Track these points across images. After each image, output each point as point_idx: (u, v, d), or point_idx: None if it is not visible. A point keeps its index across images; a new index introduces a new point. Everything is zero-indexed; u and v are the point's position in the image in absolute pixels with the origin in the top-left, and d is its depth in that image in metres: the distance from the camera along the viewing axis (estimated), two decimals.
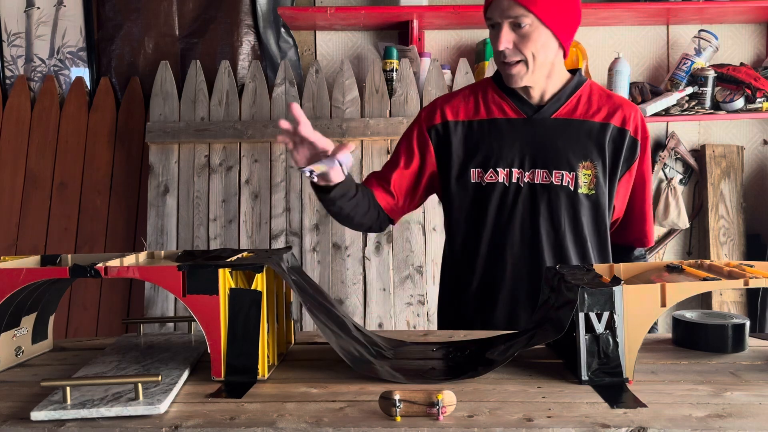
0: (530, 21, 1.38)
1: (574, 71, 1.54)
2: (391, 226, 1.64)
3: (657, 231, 2.81)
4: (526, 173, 1.46)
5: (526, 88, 1.49)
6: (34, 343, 1.22)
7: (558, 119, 1.48)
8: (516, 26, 1.39)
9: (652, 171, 2.74)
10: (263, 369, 1.06)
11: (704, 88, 2.55)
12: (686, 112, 2.57)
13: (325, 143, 1.30)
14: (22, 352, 1.19)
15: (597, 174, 1.47)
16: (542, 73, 1.46)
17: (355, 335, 1.19)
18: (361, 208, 1.49)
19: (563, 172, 1.46)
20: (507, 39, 1.40)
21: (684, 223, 2.71)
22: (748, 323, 1.21)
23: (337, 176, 1.34)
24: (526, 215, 1.47)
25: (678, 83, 2.61)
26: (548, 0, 1.38)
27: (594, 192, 1.47)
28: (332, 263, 2.50)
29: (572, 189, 1.46)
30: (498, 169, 1.47)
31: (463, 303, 1.56)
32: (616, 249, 1.59)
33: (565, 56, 1.48)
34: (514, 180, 1.47)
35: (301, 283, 1.17)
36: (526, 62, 1.42)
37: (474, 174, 1.49)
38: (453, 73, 2.59)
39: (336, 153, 1.28)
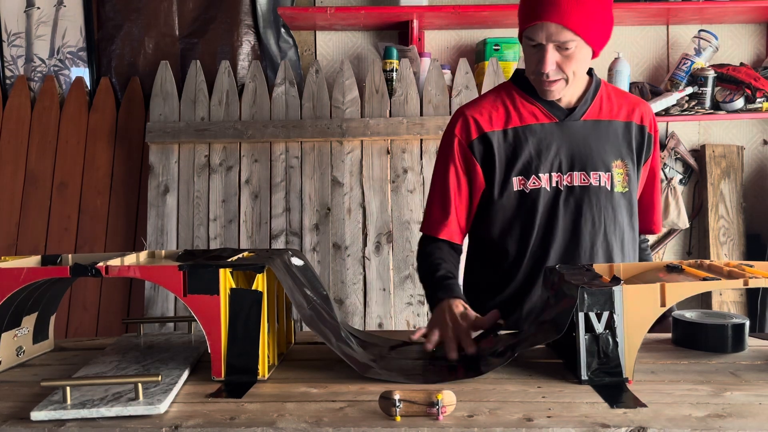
0: (576, 43, 1.38)
1: (588, 71, 1.54)
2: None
3: None
4: (565, 176, 1.47)
5: None
6: (35, 343, 1.22)
7: (588, 121, 1.49)
8: (561, 48, 1.39)
9: None
10: (263, 369, 1.06)
11: (704, 88, 2.55)
12: (686, 112, 2.57)
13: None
14: (23, 351, 1.19)
15: (629, 172, 1.49)
16: (578, 83, 1.47)
17: (353, 340, 1.19)
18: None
19: (600, 172, 1.47)
20: (552, 61, 1.40)
21: (684, 223, 2.70)
22: (747, 323, 1.21)
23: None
24: (568, 218, 1.47)
25: (678, 83, 2.61)
26: (591, 20, 1.38)
27: (627, 189, 1.49)
28: (332, 263, 2.50)
29: (609, 189, 1.47)
30: (540, 174, 1.47)
31: (501, 305, 1.52)
32: None
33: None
34: (554, 184, 1.47)
35: (302, 285, 1.17)
36: (567, 79, 1.43)
37: (516, 182, 1.48)
38: (453, 73, 2.59)
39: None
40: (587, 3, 1.36)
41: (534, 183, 1.47)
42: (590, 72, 1.54)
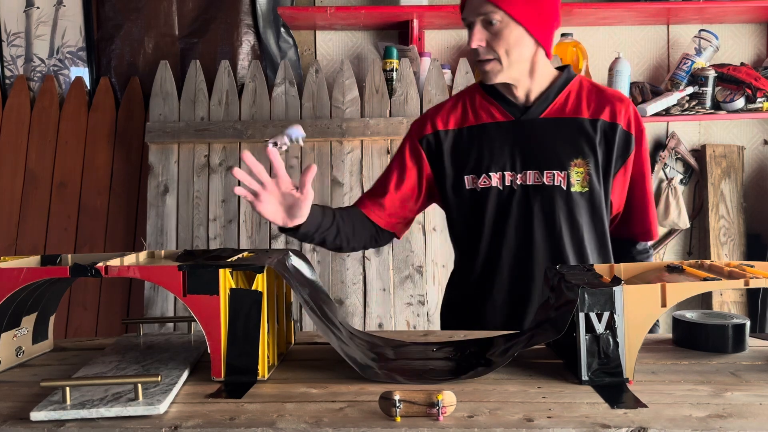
0: (500, 18, 1.38)
1: (563, 68, 1.52)
2: (395, 239, 1.63)
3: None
4: (519, 175, 1.46)
5: (510, 89, 1.48)
6: (35, 343, 1.22)
7: (547, 119, 1.47)
8: (488, 24, 1.40)
9: (653, 169, 2.74)
10: (263, 369, 1.06)
11: (705, 88, 2.55)
12: (687, 112, 2.57)
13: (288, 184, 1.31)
14: (23, 352, 1.19)
15: (590, 171, 1.45)
16: (520, 70, 1.45)
17: (354, 340, 1.19)
18: (346, 233, 1.48)
19: (554, 171, 1.44)
20: (479, 37, 1.41)
21: (684, 223, 2.70)
22: (748, 323, 1.21)
23: (302, 214, 1.33)
24: (521, 217, 1.46)
25: (678, 83, 2.61)
26: None
27: (588, 189, 1.45)
28: (332, 263, 2.50)
29: (565, 188, 1.45)
30: (491, 173, 1.46)
31: (462, 304, 1.57)
32: (618, 244, 1.57)
33: (548, 55, 1.47)
34: (507, 183, 1.46)
35: (304, 285, 1.17)
36: (499, 60, 1.42)
37: (468, 181, 1.49)
38: (453, 73, 2.59)
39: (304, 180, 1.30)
40: None
41: (484, 182, 1.47)
42: (565, 68, 1.52)
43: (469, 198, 1.49)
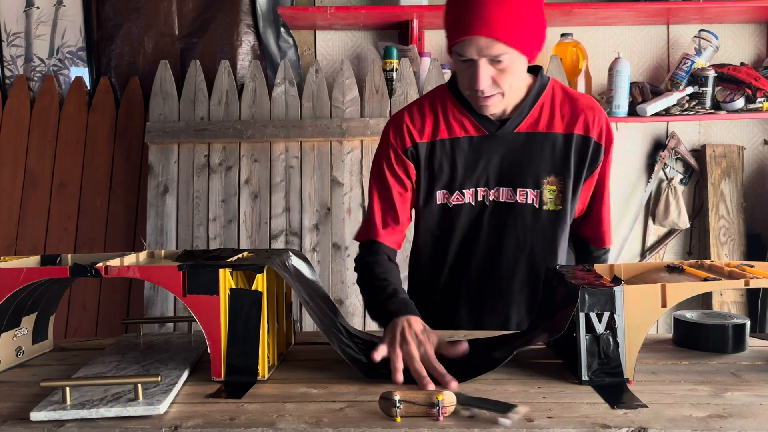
0: (509, 55, 1.28)
1: (535, 69, 1.45)
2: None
3: (657, 231, 2.81)
4: (491, 191, 1.43)
5: None
6: (35, 343, 1.22)
7: (521, 133, 1.41)
8: (494, 62, 1.29)
9: (653, 169, 2.74)
10: (263, 369, 1.06)
11: (704, 88, 2.55)
12: (686, 112, 2.57)
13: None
14: (23, 352, 1.19)
15: (563, 188, 1.41)
16: (513, 94, 1.39)
17: (354, 340, 1.19)
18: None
19: (527, 190, 1.41)
20: (486, 77, 1.30)
21: (684, 223, 2.70)
22: (748, 323, 1.21)
23: None
24: (492, 233, 1.43)
25: (678, 83, 2.61)
26: (522, 29, 1.28)
27: (561, 207, 1.42)
28: (332, 263, 2.50)
29: (537, 206, 1.41)
30: (464, 190, 1.43)
31: (426, 311, 1.55)
32: (575, 241, 1.54)
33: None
34: (479, 198, 1.43)
35: (304, 285, 1.17)
36: (502, 93, 1.34)
37: (440, 196, 1.45)
38: (453, 73, 2.58)
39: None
40: (516, 10, 1.26)
41: (457, 198, 1.43)
42: (536, 71, 1.45)
43: (440, 212, 1.46)
